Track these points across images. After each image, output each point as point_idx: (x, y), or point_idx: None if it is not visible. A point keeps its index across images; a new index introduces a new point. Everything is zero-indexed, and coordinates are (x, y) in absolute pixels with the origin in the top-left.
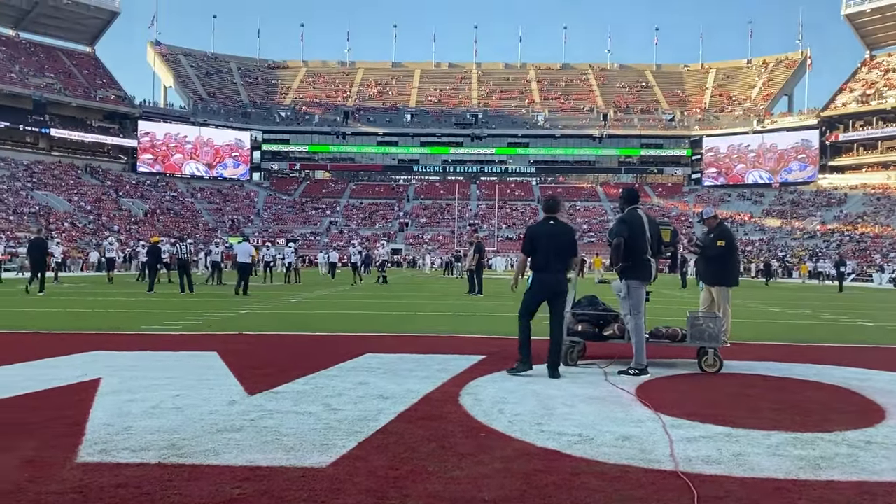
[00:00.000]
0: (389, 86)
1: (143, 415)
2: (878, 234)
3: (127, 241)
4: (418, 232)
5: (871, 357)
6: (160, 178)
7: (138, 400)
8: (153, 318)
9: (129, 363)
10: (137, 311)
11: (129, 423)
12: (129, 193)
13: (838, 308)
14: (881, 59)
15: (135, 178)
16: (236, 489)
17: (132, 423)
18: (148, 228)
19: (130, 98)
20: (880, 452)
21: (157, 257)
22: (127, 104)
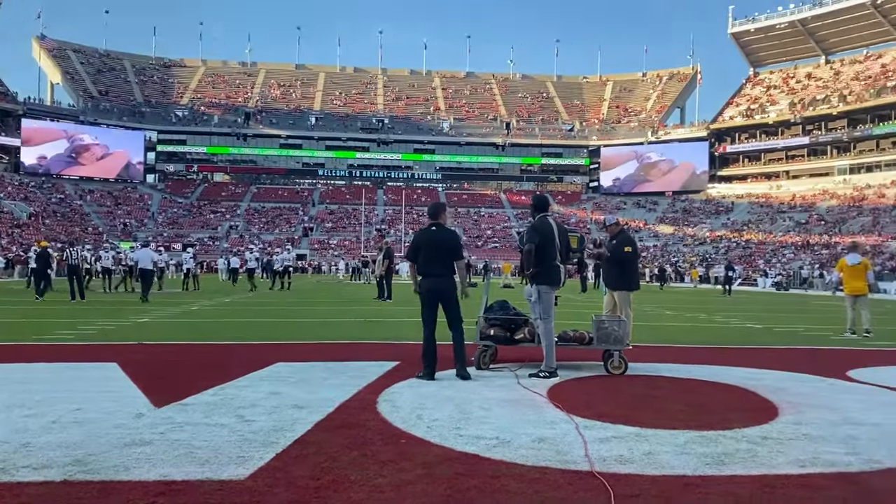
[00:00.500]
0: (293, 88)
1: (43, 430)
2: (762, 241)
3: (9, 245)
4: (324, 237)
5: (761, 357)
6: (45, 179)
7: (35, 415)
8: (43, 328)
9: (20, 376)
10: (25, 320)
11: (27, 439)
12: (11, 195)
13: (729, 311)
14: (764, 76)
15: (17, 178)
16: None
17: (31, 439)
18: (32, 232)
19: (13, 94)
20: (776, 447)
21: (47, 262)
22: (9, 101)
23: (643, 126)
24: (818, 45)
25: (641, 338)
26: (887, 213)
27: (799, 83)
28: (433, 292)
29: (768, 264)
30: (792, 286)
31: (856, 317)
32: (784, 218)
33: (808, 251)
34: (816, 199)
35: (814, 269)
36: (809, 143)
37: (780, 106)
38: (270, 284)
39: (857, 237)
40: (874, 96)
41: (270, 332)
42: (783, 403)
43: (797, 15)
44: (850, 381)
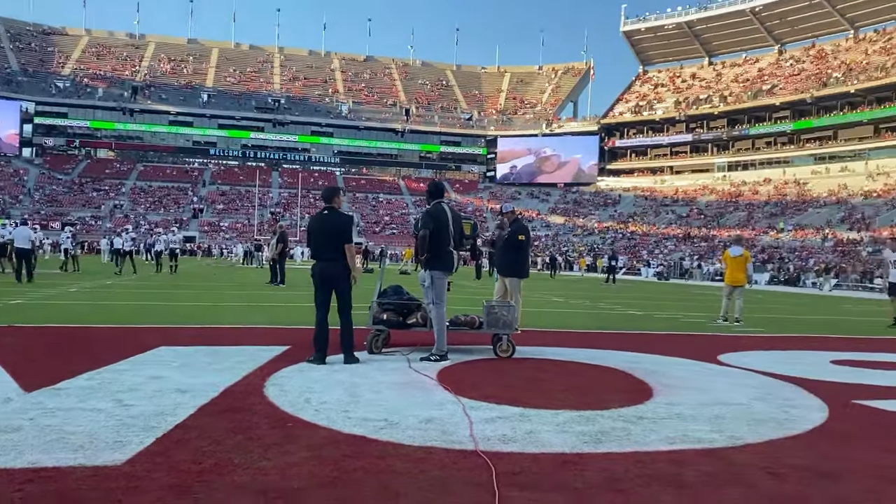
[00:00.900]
0: (185, 63)
1: None
2: (646, 233)
3: None
4: (214, 219)
5: (641, 342)
6: None
7: None
8: None
9: None
10: None
11: None
12: None
13: (612, 298)
14: (652, 74)
15: None
16: (17, 492)
17: None
18: None
19: None
20: (649, 426)
21: None
22: None
23: (538, 118)
24: (702, 46)
25: (530, 323)
26: (760, 208)
27: (684, 83)
28: (324, 276)
29: (651, 255)
30: (672, 276)
31: (729, 305)
32: (667, 211)
33: (688, 243)
34: (697, 194)
35: (693, 260)
36: (692, 141)
37: (667, 104)
38: (155, 268)
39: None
40: (751, 98)
41: (154, 315)
42: (658, 385)
43: (684, 17)
44: (720, 365)
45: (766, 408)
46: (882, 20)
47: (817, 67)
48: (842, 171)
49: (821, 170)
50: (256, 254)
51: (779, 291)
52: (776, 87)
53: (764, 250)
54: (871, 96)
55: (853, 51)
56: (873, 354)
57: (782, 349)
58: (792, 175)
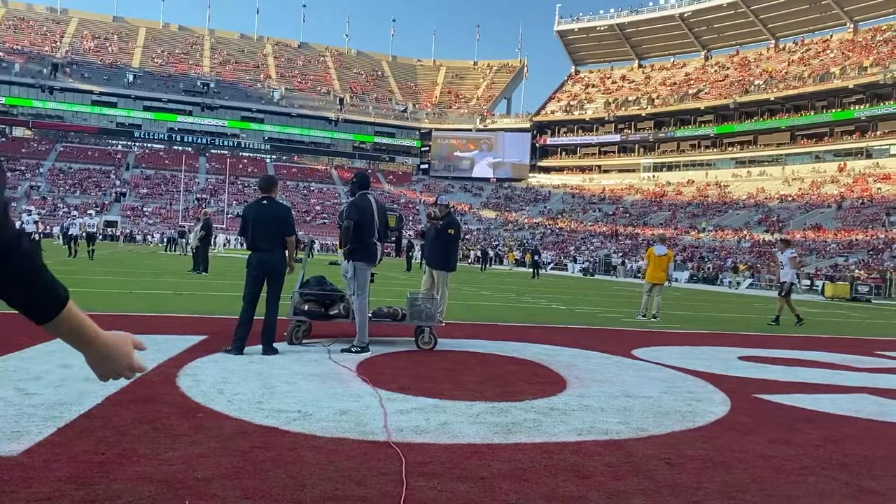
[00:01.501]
0: (109, 41)
1: None
2: (574, 230)
3: None
4: (138, 203)
5: (561, 335)
6: None
7: None
8: None
9: None
10: None
11: None
12: None
13: (538, 293)
14: (584, 74)
15: None
16: None
17: None
18: None
19: None
20: (559, 417)
21: None
22: None
23: (473, 113)
24: (633, 49)
25: (456, 315)
26: (683, 208)
27: (614, 84)
28: (262, 266)
29: (578, 251)
30: (597, 272)
31: (649, 302)
32: (594, 209)
33: (614, 240)
34: (623, 193)
35: (618, 257)
36: (620, 141)
37: (597, 104)
38: (68, 252)
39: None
40: (678, 101)
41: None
42: (572, 378)
43: (616, 19)
44: (632, 359)
45: (672, 401)
46: (801, 32)
47: (740, 74)
48: (760, 174)
49: (741, 173)
50: (180, 240)
51: (697, 289)
52: (702, 91)
53: (685, 249)
54: (789, 104)
55: (774, 60)
56: (779, 351)
57: (694, 345)
58: (714, 177)
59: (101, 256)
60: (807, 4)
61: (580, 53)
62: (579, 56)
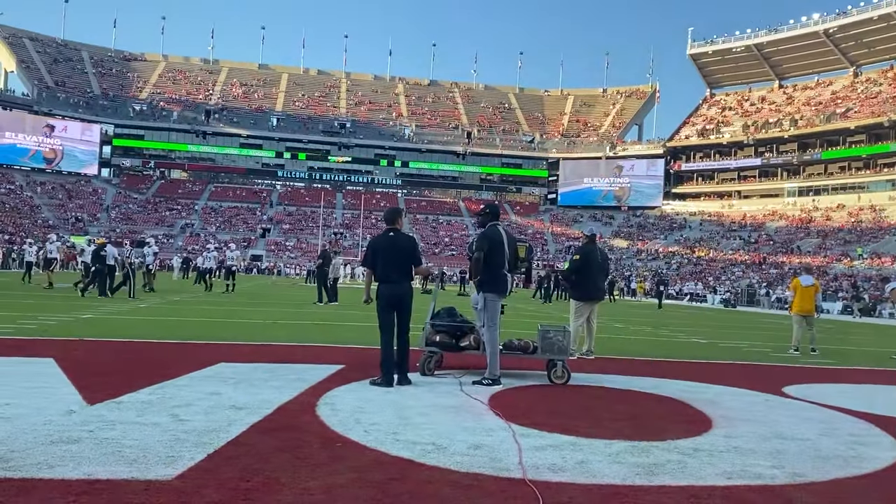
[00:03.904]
0: (255, 88)
1: None
2: (713, 259)
3: None
4: (281, 238)
5: (703, 371)
6: None
7: None
8: None
9: None
10: None
11: None
12: None
13: (676, 326)
14: (720, 97)
15: None
16: (72, 503)
17: None
18: None
19: None
20: (705, 459)
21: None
22: None
23: (602, 141)
24: (772, 69)
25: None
26: (833, 235)
27: (753, 106)
28: (392, 298)
29: (718, 281)
30: (740, 303)
31: (802, 335)
32: (734, 236)
33: (756, 269)
34: (766, 219)
35: (762, 287)
36: (761, 165)
37: (734, 127)
38: (204, 286)
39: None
40: (824, 122)
41: (216, 331)
42: (717, 417)
43: (753, 39)
44: (784, 397)
45: (832, 444)
46: None
47: (895, 90)
48: None
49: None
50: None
51: (853, 322)
52: (851, 110)
53: (836, 279)
54: None
55: None
56: None
57: (852, 382)
58: (867, 201)
59: (243, 289)
60: None
61: (715, 76)
62: (714, 79)
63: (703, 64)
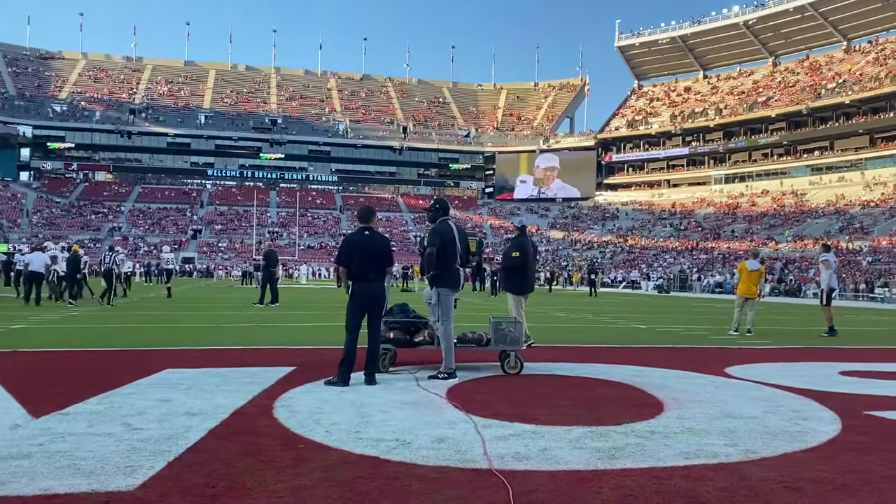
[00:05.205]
0: (182, 85)
1: None
2: (645, 246)
3: None
4: (213, 239)
5: (648, 356)
6: None
7: None
8: None
9: None
10: None
11: None
12: None
13: (615, 312)
14: (647, 88)
15: None
16: None
17: None
18: None
19: None
20: (662, 441)
21: (77, 267)
22: None
23: (535, 134)
24: (697, 60)
25: (537, 338)
26: (758, 220)
27: (679, 96)
28: (367, 297)
29: (651, 268)
30: (673, 289)
31: (741, 317)
32: (665, 224)
33: (687, 256)
34: (695, 207)
35: (693, 272)
36: (688, 154)
37: (662, 118)
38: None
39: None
40: (747, 110)
41: (160, 337)
42: (668, 399)
43: (678, 31)
44: (727, 378)
45: (778, 420)
46: (874, 31)
47: (812, 79)
48: (839, 181)
49: (818, 180)
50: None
51: (780, 302)
52: (771, 98)
53: (763, 262)
54: (866, 107)
55: (846, 62)
56: (882, 365)
57: (790, 360)
58: (790, 186)
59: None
60: (879, 3)
61: (643, 68)
62: (642, 70)
63: (630, 56)
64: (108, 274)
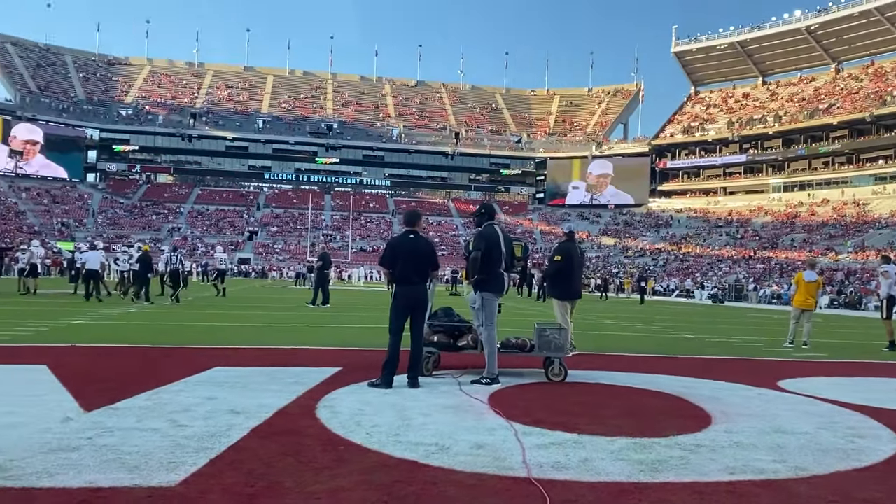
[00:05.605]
0: (241, 90)
1: None
2: (700, 254)
3: None
4: (269, 241)
5: (698, 367)
6: None
7: None
8: None
9: None
10: None
11: None
12: None
13: (667, 322)
14: (704, 94)
15: None
16: None
17: None
18: None
19: None
20: (707, 455)
21: (148, 266)
22: None
23: (588, 140)
24: (756, 66)
25: (583, 346)
26: (818, 230)
27: (737, 103)
28: (411, 300)
29: (705, 277)
30: (728, 299)
31: (797, 329)
32: (721, 232)
33: (743, 265)
34: (752, 215)
35: (749, 282)
36: (746, 161)
37: (719, 124)
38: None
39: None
40: (807, 118)
41: (210, 336)
42: (716, 412)
43: (736, 37)
44: (780, 391)
45: (831, 437)
46: None
47: (876, 85)
48: None
49: (881, 190)
50: (308, 275)
51: (839, 315)
52: (833, 105)
53: (823, 273)
54: None
55: None
56: None
57: (847, 375)
58: (851, 195)
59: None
60: None
61: (699, 74)
62: (698, 76)
63: (687, 62)
64: (174, 273)
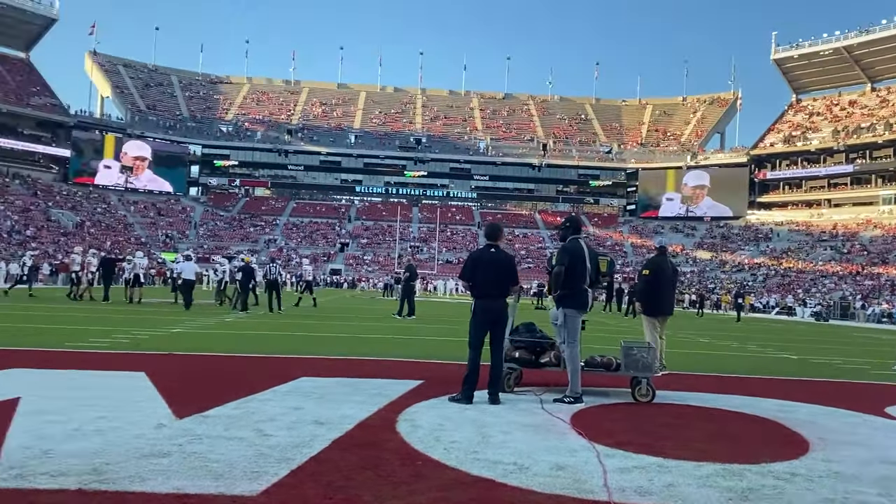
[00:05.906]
0: (334, 106)
1: (64, 437)
2: (802, 270)
3: (55, 253)
4: (359, 252)
5: (794, 389)
6: (93, 189)
7: (59, 421)
8: (77, 335)
9: (50, 382)
10: (60, 326)
11: (48, 445)
12: (59, 204)
13: (764, 340)
14: (806, 102)
15: (66, 188)
16: None
17: (52, 445)
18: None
19: (65, 107)
20: (804, 485)
21: (250, 277)
22: (61, 112)
23: (683, 150)
24: (864, 72)
25: (674, 365)
26: None
27: (843, 110)
28: (490, 314)
29: (808, 293)
30: (832, 317)
31: None
32: (825, 247)
33: (850, 281)
34: (859, 229)
35: (857, 299)
36: (853, 172)
37: (823, 133)
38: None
39: None
40: None
41: (298, 346)
42: (814, 438)
43: (842, 42)
44: (887, 418)
45: None
46: None
47: None
48: None
49: None
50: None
51: None
52: None
53: None
54: None
55: None
56: None
57: None
58: None
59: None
60: None
61: (801, 81)
62: (800, 84)
63: (788, 69)
64: (273, 284)
